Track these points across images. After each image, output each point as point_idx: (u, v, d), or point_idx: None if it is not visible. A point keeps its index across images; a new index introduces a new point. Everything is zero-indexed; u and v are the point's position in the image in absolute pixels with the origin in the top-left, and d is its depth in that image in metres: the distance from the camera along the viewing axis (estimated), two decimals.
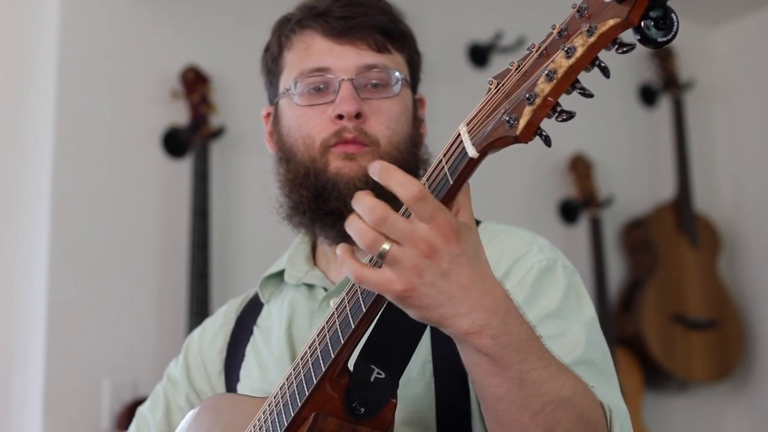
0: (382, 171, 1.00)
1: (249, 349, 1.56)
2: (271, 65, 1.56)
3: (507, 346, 1.02)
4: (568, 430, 1.08)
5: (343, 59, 1.47)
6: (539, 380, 1.05)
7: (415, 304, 1.00)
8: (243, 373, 1.55)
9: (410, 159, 1.48)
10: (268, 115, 1.59)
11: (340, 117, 1.44)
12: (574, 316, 1.33)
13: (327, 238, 1.50)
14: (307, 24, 1.51)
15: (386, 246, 0.99)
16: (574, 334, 1.29)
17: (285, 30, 1.54)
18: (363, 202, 1.00)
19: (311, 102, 1.47)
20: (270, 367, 1.51)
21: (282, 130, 1.52)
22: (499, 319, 1.02)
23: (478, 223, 1.39)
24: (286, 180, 1.50)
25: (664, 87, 4.14)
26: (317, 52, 1.49)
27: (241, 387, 1.53)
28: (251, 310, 1.62)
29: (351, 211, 1.40)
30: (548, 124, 0.96)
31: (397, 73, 1.49)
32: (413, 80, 1.55)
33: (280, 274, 1.58)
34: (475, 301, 1.00)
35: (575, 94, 0.94)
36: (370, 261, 1.05)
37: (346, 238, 1.45)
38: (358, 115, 1.44)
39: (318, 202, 1.45)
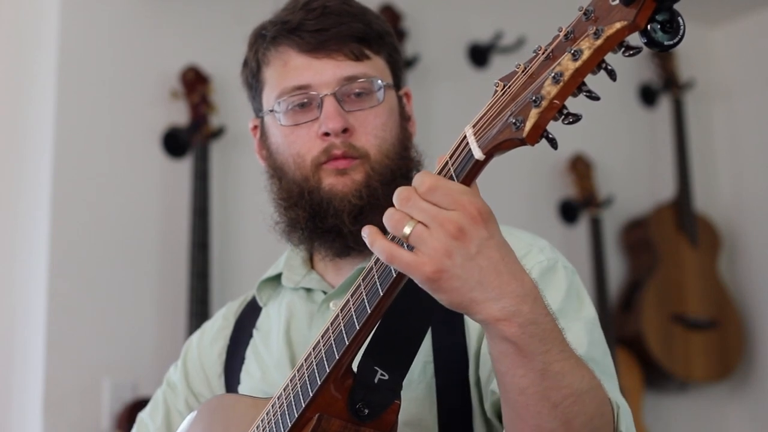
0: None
1: (249, 352, 1.56)
2: (252, 80, 1.54)
3: (534, 335, 1.01)
4: (584, 423, 1.08)
5: (322, 74, 1.45)
6: (561, 372, 1.04)
7: (445, 287, 0.99)
8: (243, 375, 1.54)
9: (401, 164, 1.47)
10: (255, 127, 1.58)
11: (327, 134, 1.43)
12: (575, 315, 1.33)
13: (328, 254, 1.49)
14: (281, 41, 1.48)
15: (408, 227, 0.98)
16: (576, 332, 1.28)
17: (261, 47, 1.51)
18: (396, 191, 1.01)
19: (296, 121, 1.46)
20: (270, 370, 1.50)
21: (270, 147, 1.51)
22: (528, 307, 1.01)
23: None
24: (281, 199, 1.49)
25: (664, 87, 4.13)
26: (295, 68, 1.46)
27: (242, 389, 1.53)
28: (250, 313, 1.61)
29: (348, 227, 1.41)
30: (550, 124, 0.96)
31: (379, 81, 1.46)
32: (396, 78, 1.53)
33: (277, 278, 1.58)
34: (505, 286, 0.99)
35: (579, 96, 0.94)
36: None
37: (346, 253, 1.46)
38: (344, 130, 1.43)
39: (315, 221, 1.45)
